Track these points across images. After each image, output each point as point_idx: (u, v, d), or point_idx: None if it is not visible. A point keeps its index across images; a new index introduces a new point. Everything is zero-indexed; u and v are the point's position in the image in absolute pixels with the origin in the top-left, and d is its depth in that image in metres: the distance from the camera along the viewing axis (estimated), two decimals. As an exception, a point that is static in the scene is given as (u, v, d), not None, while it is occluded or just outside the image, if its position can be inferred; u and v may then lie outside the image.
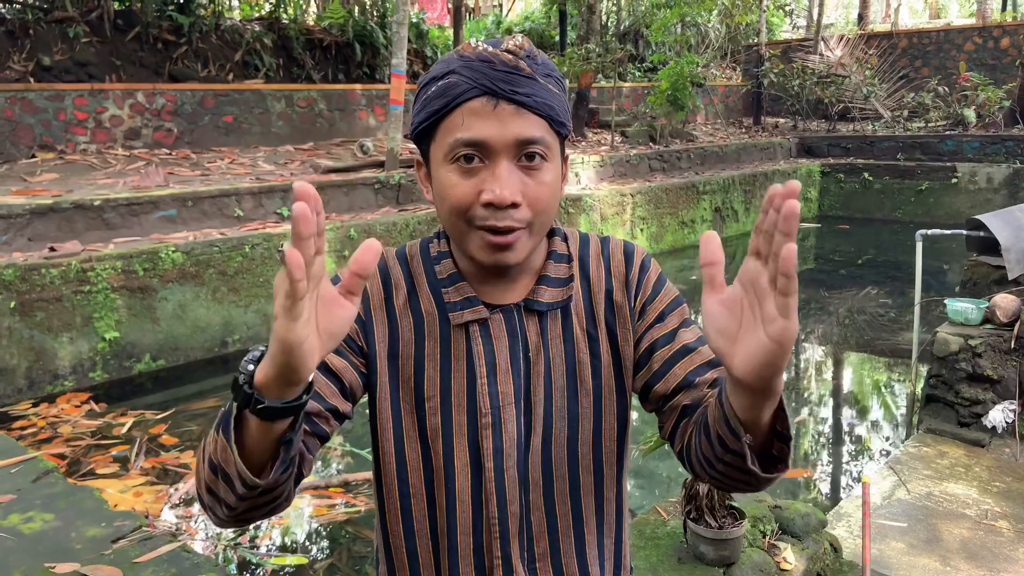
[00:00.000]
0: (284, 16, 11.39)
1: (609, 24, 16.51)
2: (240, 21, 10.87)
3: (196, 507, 3.86)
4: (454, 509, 1.01)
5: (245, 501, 0.83)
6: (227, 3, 11.41)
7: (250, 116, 9.41)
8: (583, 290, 1.06)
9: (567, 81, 12.36)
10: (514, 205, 0.92)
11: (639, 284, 1.06)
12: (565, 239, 1.07)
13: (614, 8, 17.05)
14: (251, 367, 0.78)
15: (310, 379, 0.77)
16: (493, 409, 0.99)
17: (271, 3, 11.81)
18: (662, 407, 1.03)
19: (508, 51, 0.92)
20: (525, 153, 0.93)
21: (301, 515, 3.85)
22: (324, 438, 0.98)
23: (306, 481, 4.12)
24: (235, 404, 0.78)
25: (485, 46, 0.93)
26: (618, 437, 1.07)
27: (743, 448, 0.81)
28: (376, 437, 1.05)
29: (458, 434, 1.00)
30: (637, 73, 15.83)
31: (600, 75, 12.65)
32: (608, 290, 1.06)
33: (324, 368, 0.98)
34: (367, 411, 1.08)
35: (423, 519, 1.03)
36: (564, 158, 1.02)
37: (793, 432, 0.84)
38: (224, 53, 10.10)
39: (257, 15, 11.81)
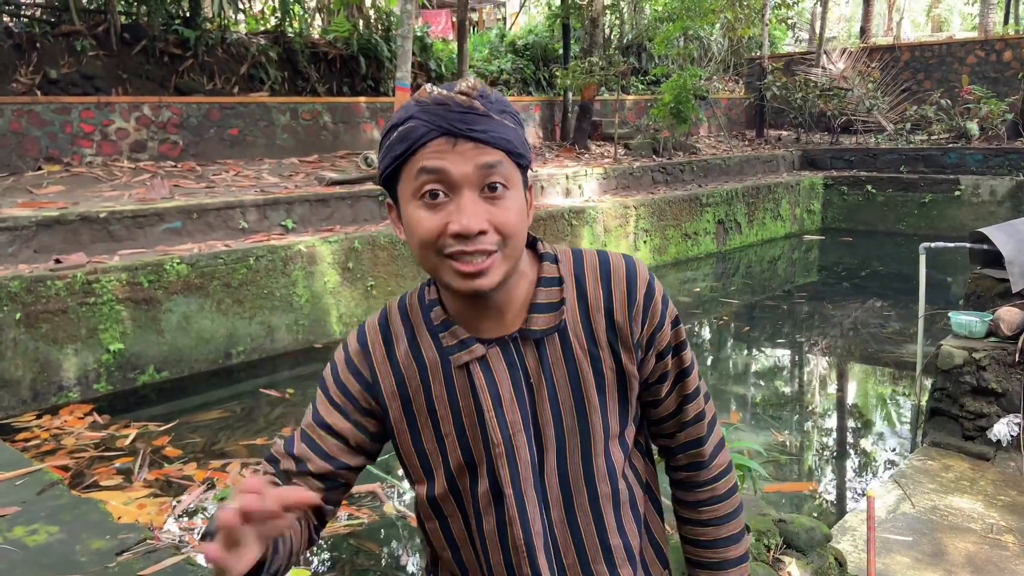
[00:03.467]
0: (289, 30, 11.47)
1: (612, 37, 16.58)
2: (246, 35, 10.94)
3: (199, 519, 3.85)
4: (483, 532, 1.08)
5: None
6: (233, 17, 11.48)
7: (255, 129, 9.46)
8: (580, 309, 1.07)
9: (571, 94, 12.42)
10: (482, 233, 0.95)
11: (645, 312, 1.07)
12: (555, 261, 1.08)
13: (617, 21, 17.13)
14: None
15: (258, 558, 0.86)
16: (504, 438, 1.04)
17: (276, 17, 11.89)
18: (651, 432, 1.19)
19: (462, 92, 0.97)
20: (488, 184, 0.96)
21: (304, 528, 3.84)
22: (346, 488, 1.10)
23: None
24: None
25: (440, 90, 0.97)
26: (633, 441, 1.14)
27: None
28: (409, 477, 1.13)
29: (479, 464, 1.06)
30: (640, 86, 15.88)
31: (603, 88, 12.70)
32: (608, 309, 1.07)
33: (329, 431, 1.08)
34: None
35: (464, 538, 1.11)
36: (529, 188, 1.05)
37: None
38: (230, 66, 10.17)
39: (262, 29, 11.89)
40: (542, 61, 14.76)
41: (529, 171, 1.05)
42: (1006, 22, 19.59)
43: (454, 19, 13.60)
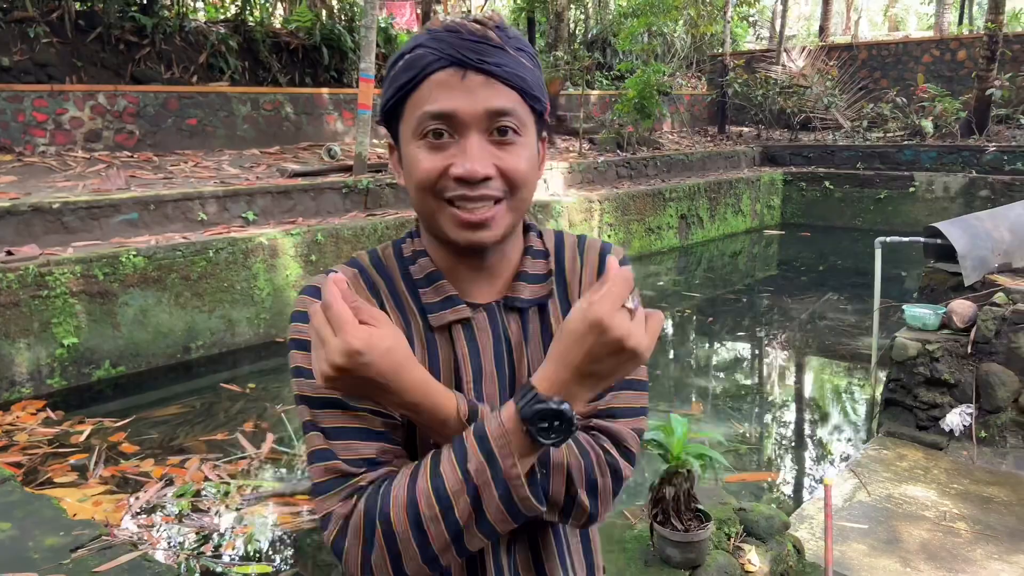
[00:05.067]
0: (250, 18, 11.27)
1: (577, 32, 16.62)
2: (205, 23, 10.74)
3: (157, 516, 3.78)
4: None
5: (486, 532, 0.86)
6: (191, 4, 11.26)
7: (215, 119, 9.30)
8: (559, 286, 1.04)
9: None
10: (486, 179, 0.89)
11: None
12: (540, 235, 1.06)
13: (582, 16, 17.17)
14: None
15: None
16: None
17: (237, 5, 11.68)
18: None
19: (477, 21, 0.90)
20: (497, 127, 0.89)
21: (265, 523, 3.80)
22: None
23: (273, 488, 4.06)
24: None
25: (452, 19, 0.91)
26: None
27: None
28: None
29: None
30: (605, 81, 15.95)
31: (568, 83, 12.74)
32: (581, 280, 1.05)
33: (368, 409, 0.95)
34: None
35: None
36: (542, 139, 0.99)
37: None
38: (188, 55, 9.97)
39: (222, 17, 11.68)
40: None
41: (545, 118, 0.97)
42: (960, 22, 20.07)
43: (419, 11, 13.50)
